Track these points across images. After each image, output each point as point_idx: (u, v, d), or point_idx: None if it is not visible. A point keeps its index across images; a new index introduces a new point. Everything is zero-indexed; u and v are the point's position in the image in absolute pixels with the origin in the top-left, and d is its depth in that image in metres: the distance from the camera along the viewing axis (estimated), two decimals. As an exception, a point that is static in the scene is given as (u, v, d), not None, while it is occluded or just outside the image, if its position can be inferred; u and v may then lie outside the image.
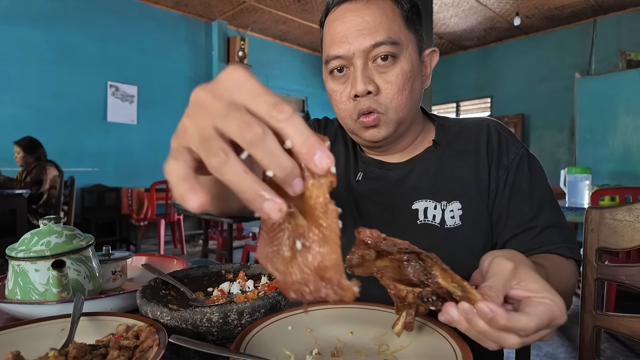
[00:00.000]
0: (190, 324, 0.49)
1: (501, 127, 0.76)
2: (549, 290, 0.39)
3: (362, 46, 0.65)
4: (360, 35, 0.65)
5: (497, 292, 0.38)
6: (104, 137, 4.95)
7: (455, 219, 0.70)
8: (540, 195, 0.70)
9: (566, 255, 0.66)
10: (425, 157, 0.75)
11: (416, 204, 0.72)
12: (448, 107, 7.47)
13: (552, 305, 0.38)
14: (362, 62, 0.66)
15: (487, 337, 0.38)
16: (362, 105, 0.67)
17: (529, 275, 0.40)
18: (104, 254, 0.78)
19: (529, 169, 0.71)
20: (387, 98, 0.67)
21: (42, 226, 0.68)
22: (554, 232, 0.67)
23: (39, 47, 4.45)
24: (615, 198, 2.47)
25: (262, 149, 0.25)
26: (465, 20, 5.97)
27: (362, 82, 0.65)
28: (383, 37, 0.64)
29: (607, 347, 2.18)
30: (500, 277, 0.39)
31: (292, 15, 5.73)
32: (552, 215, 0.69)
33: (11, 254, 0.64)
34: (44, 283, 0.63)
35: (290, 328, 0.51)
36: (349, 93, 0.68)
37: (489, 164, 0.72)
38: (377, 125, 0.69)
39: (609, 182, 4.23)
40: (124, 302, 0.62)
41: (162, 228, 4.28)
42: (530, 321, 0.36)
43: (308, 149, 0.26)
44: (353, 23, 0.65)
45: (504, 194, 0.70)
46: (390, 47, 0.65)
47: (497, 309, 0.36)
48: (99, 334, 0.51)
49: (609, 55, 5.41)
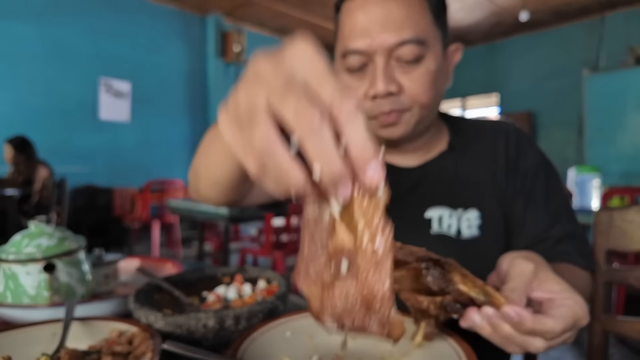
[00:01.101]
0: (185, 329, 0.48)
1: (520, 131, 0.73)
2: (570, 290, 0.39)
3: (385, 43, 0.58)
4: (384, 30, 0.58)
5: (520, 295, 0.37)
6: (96, 136, 4.88)
7: (472, 228, 0.67)
8: (557, 205, 0.68)
9: (580, 265, 0.64)
10: (440, 161, 0.71)
11: (430, 211, 0.68)
12: (454, 103, 7.44)
13: (574, 306, 0.37)
14: (383, 59, 0.59)
15: (513, 341, 0.37)
16: (382, 108, 0.62)
17: (549, 277, 0.40)
18: (96, 256, 0.76)
19: (546, 177, 0.69)
20: (410, 98, 0.62)
21: (33, 227, 0.66)
22: (569, 242, 0.66)
23: (29, 43, 4.37)
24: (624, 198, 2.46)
25: (315, 141, 0.22)
26: (471, 15, 5.82)
27: (383, 82, 0.59)
28: (409, 35, 0.58)
29: (616, 352, 2.13)
30: (522, 279, 0.39)
31: (290, 8, 5.65)
32: (568, 225, 0.67)
33: (1, 256, 0.62)
34: (35, 286, 0.61)
35: (289, 334, 0.50)
36: (367, 91, 0.62)
37: (507, 169, 0.70)
38: (395, 124, 0.64)
39: (618, 181, 4.15)
40: (116, 307, 0.60)
41: (156, 230, 4.24)
42: (556, 323, 0.36)
43: (364, 157, 0.23)
44: (376, 15, 0.58)
45: (519, 202, 0.68)
46: (416, 47, 0.59)
47: (523, 312, 0.35)
48: (91, 339, 0.50)
49: (617, 52, 5.24)
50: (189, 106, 5.82)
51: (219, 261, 3.21)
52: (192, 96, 5.85)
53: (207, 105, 6.00)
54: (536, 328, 0.35)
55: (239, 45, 5.83)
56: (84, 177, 4.78)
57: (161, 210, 4.35)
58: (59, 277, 0.62)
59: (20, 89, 4.35)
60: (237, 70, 6.22)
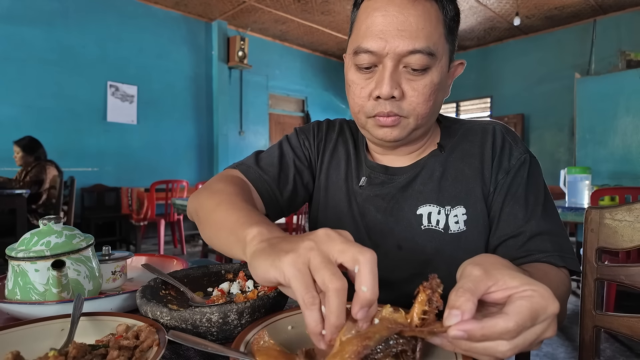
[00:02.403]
0: (190, 324, 0.49)
1: (507, 130, 0.74)
2: (529, 281, 0.36)
3: (398, 48, 0.60)
4: (399, 36, 0.60)
5: (466, 294, 0.35)
6: (103, 137, 4.96)
7: (459, 224, 0.69)
8: (535, 201, 0.67)
9: (557, 264, 0.62)
10: (429, 160, 0.74)
11: (421, 208, 0.71)
12: (448, 107, 7.47)
13: (533, 296, 0.35)
14: (393, 64, 0.61)
15: (476, 352, 0.36)
16: (382, 108, 0.64)
17: (504, 274, 0.37)
18: (104, 254, 0.78)
19: (527, 175, 0.69)
20: (410, 105, 0.64)
21: (42, 226, 0.68)
22: (544, 239, 0.64)
23: (39, 47, 4.45)
24: (615, 198, 2.47)
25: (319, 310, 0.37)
26: (465, 20, 5.96)
27: (389, 86, 0.61)
28: (422, 45, 0.60)
29: (607, 347, 2.18)
30: (468, 279, 0.37)
31: (292, 15, 5.73)
32: (543, 222, 0.65)
33: (11, 254, 0.64)
34: (43, 283, 0.62)
35: (290, 328, 0.51)
36: (371, 91, 0.64)
37: (492, 167, 0.70)
38: (392, 127, 0.66)
39: (609, 182, 4.23)
40: (123, 302, 0.61)
41: (162, 228, 4.27)
42: (508, 321, 0.33)
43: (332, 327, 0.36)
44: (395, 20, 0.60)
45: (498, 199, 0.69)
46: (425, 58, 0.61)
47: (467, 325, 0.34)
48: (98, 334, 0.51)
49: (608, 56, 5.42)
50: (193, 109, 5.89)
51: (223, 258, 3.24)
52: (197, 99, 5.92)
53: (211, 108, 6.07)
54: (487, 333, 0.34)
55: (242, 51, 5.91)
56: (92, 177, 4.84)
57: (167, 209, 4.39)
58: (68, 274, 0.63)
59: (30, 92, 4.42)
60: (240, 74, 6.29)
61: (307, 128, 0.85)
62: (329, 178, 0.81)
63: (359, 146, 0.82)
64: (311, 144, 0.83)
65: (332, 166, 0.81)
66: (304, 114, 7.41)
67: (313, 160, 0.83)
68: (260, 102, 6.67)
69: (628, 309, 2.68)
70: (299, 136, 0.84)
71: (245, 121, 6.45)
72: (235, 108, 6.29)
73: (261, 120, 6.71)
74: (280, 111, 7.10)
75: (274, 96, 6.94)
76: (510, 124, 6.47)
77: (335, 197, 0.79)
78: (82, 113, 4.77)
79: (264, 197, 0.74)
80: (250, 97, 6.50)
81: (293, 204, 0.81)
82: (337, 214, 0.78)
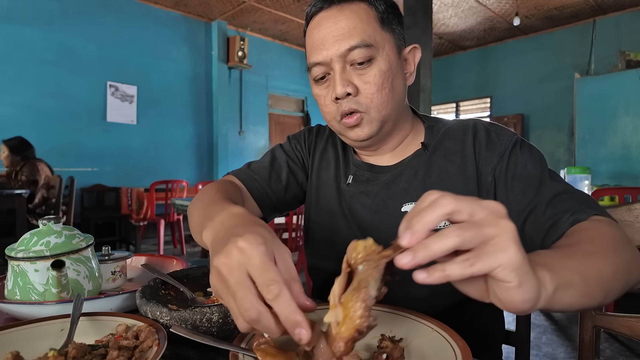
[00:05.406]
0: (190, 324, 0.49)
1: (489, 124, 0.75)
2: None
3: (338, 51, 0.67)
4: (336, 41, 0.67)
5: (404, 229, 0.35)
6: (103, 137, 4.96)
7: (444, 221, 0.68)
8: (541, 171, 0.66)
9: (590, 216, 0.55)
10: (414, 159, 0.76)
11: (405, 206, 0.73)
12: (448, 107, 7.49)
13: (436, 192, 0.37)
14: (340, 66, 0.68)
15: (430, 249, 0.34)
16: (343, 107, 0.69)
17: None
18: (104, 254, 0.78)
19: (522, 151, 0.69)
20: (367, 98, 0.69)
21: (42, 226, 0.68)
22: (563, 198, 0.60)
23: (39, 47, 4.45)
24: (614, 198, 2.47)
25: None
26: (465, 21, 5.98)
27: (340, 85, 0.67)
28: (357, 41, 0.66)
29: (607, 347, 2.18)
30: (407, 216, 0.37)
31: (291, 15, 5.74)
32: (555, 185, 0.63)
33: (10, 254, 0.64)
34: (43, 283, 0.63)
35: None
36: (331, 96, 0.70)
37: (477, 161, 0.71)
38: (359, 125, 0.71)
39: (609, 182, 4.24)
40: (123, 302, 0.61)
41: (162, 228, 4.27)
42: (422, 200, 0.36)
43: (290, 324, 0.36)
44: (329, 30, 0.68)
45: (501, 184, 0.68)
46: (365, 50, 0.67)
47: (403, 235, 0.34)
48: (98, 334, 0.51)
49: (608, 56, 5.43)
50: (193, 109, 5.89)
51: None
52: (197, 99, 5.92)
53: (211, 108, 6.08)
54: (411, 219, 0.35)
55: (242, 51, 5.92)
56: (92, 177, 4.84)
57: (167, 209, 4.39)
58: (67, 274, 0.63)
59: (30, 92, 4.42)
60: (240, 74, 6.28)
61: (299, 134, 0.93)
62: (319, 178, 0.86)
63: (347, 147, 0.86)
64: (302, 147, 0.90)
65: (323, 166, 0.86)
66: (304, 114, 7.41)
67: (306, 161, 0.89)
68: (260, 102, 6.68)
69: (628, 309, 2.68)
70: (291, 142, 0.91)
71: (245, 121, 6.46)
72: (235, 108, 6.30)
73: (261, 120, 6.71)
74: (280, 111, 7.10)
75: (273, 96, 6.94)
76: (510, 124, 6.49)
77: (327, 196, 0.83)
78: (81, 113, 4.78)
79: (255, 195, 0.81)
80: (250, 97, 6.51)
81: (287, 202, 0.87)
82: (328, 212, 0.82)
